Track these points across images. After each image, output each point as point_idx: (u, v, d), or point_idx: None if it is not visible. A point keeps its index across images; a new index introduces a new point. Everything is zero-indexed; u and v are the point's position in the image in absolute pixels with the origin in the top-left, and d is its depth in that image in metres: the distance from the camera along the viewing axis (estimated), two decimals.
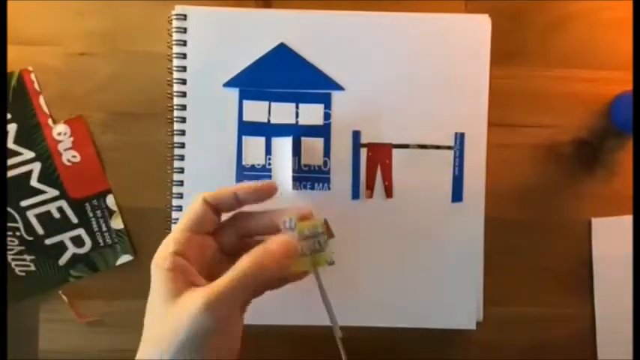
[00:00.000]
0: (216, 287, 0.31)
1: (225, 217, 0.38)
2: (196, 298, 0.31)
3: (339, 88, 0.46)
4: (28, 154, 0.46)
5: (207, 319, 0.31)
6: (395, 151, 0.46)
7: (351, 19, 0.46)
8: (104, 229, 0.46)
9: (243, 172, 0.46)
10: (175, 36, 0.45)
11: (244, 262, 0.33)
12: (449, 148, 0.46)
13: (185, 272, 0.33)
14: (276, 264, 0.33)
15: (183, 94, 0.45)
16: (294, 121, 0.46)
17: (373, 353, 0.47)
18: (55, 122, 0.46)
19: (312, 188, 0.46)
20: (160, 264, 0.33)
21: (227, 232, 0.38)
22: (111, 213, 0.46)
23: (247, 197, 0.37)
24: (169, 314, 0.32)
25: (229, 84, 0.46)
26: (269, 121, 0.46)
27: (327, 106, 0.46)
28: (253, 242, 0.36)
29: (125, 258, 0.47)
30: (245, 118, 0.46)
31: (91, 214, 0.46)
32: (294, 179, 0.45)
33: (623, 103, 0.46)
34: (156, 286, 0.33)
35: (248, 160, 0.46)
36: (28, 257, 0.46)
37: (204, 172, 0.46)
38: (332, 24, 0.46)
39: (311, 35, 0.46)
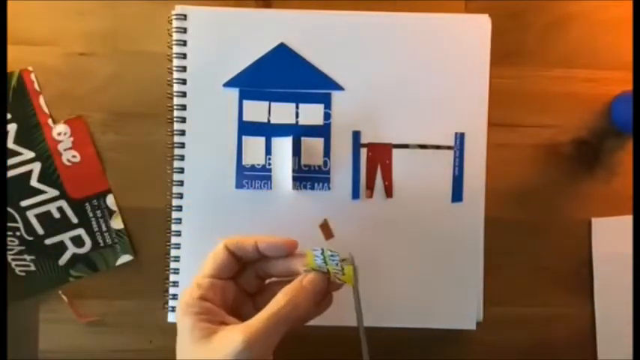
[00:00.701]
0: (254, 325, 0.32)
1: None
2: (235, 335, 0.31)
3: (339, 88, 0.46)
4: (28, 154, 0.46)
5: (246, 356, 0.31)
6: (395, 151, 0.46)
7: (351, 19, 0.46)
8: (104, 229, 0.46)
9: (243, 172, 0.46)
10: (175, 36, 0.45)
11: (280, 300, 0.34)
12: (449, 148, 0.46)
13: (214, 314, 0.34)
14: (310, 301, 0.35)
15: (183, 94, 0.45)
16: (294, 121, 0.46)
17: (373, 353, 0.47)
18: (55, 122, 0.46)
19: (312, 188, 0.46)
20: (187, 310, 0.34)
21: (247, 275, 0.38)
22: (111, 213, 0.46)
23: (268, 251, 0.37)
24: (203, 353, 0.32)
25: (229, 84, 0.46)
26: (269, 121, 0.46)
27: (327, 106, 0.46)
28: (273, 283, 0.38)
29: (125, 258, 0.47)
30: (245, 118, 0.46)
31: (91, 214, 0.46)
32: (294, 179, 0.45)
33: (623, 103, 0.46)
34: (185, 331, 0.33)
35: (248, 160, 0.46)
36: (28, 257, 0.46)
37: (204, 172, 0.46)
38: (332, 24, 0.46)
39: (311, 35, 0.46)
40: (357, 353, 0.37)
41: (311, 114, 0.46)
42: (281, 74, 0.46)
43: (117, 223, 0.46)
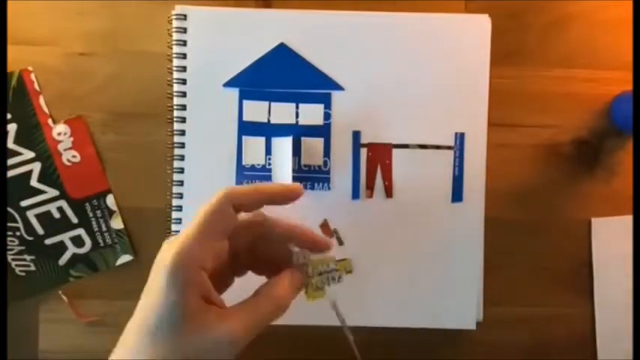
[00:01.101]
0: (239, 328, 0.30)
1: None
2: (220, 335, 0.30)
3: (339, 88, 0.46)
4: (28, 154, 0.46)
5: (230, 351, 0.30)
6: (395, 151, 0.46)
7: (351, 19, 0.46)
8: (104, 229, 0.46)
9: (243, 172, 0.46)
10: (175, 36, 0.45)
11: (267, 305, 0.32)
12: (449, 148, 0.46)
13: (201, 286, 0.30)
14: (288, 303, 0.34)
15: (183, 94, 0.45)
16: (294, 121, 0.46)
17: (373, 353, 0.47)
18: (55, 122, 0.46)
19: (312, 188, 0.46)
20: (173, 271, 0.29)
21: (241, 237, 0.35)
22: (111, 213, 0.46)
23: (273, 198, 0.34)
24: (185, 344, 0.29)
25: (229, 84, 0.46)
26: (269, 121, 0.46)
27: (327, 106, 0.46)
28: (264, 254, 0.36)
29: (125, 258, 0.47)
30: (245, 118, 0.46)
31: (91, 214, 0.46)
32: (294, 179, 0.45)
33: (623, 103, 0.46)
34: (165, 295, 0.29)
35: (248, 160, 0.46)
36: (28, 257, 0.46)
37: (204, 172, 0.46)
38: (332, 24, 0.46)
39: (311, 35, 0.46)
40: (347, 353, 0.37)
41: (311, 114, 0.46)
42: (281, 74, 0.46)
43: (117, 223, 0.46)
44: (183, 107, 0.45)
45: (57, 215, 0.46)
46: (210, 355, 0.30)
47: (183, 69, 0.45)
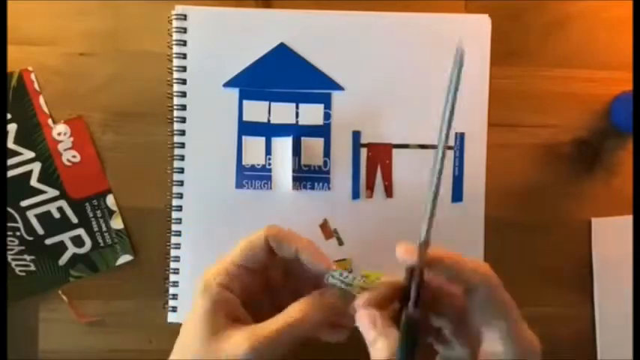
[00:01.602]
0: (262, 331, 0.31)
1: None
2: (242, 339, 0.31)
3: (339, 88, 0.46)
4: (28, 154, 0.46)
5: None
6: (395, 151, 0.46)
7: (351, 19, 0.46)
8: (104, 229, 0.46)
9: (243, 172, 0.46)
10: (175, 36, 0.45)
11: (292, 312, 0.32)
12: (449, 148, 0.46)
13: (230, 306, 0.33)
14: (323, 316, 0.33)
15: (183, 94, 0.45)
16: (294, 121, 0.46)
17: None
18: (55, 122, 0.46)
19: (312, 188, 0.46)
20: (207, 294, 0.32)
21: (275, 268, 0.36)
22: (111, 213, 0.46)
23: (307, 262, 0.34)
24: (209, 353, 0.31)
25: (229, 84, 0.46)
26: (269, 121, 0.46)
27: (327, 106, 0.46)
28: (299, 282, 0.36)
29: (125, 258, 0.47)
30: (245, 118, 0.46)
31: (91, 214, 0.46)
32: (294, 179, 0.45)
33: (623, 103, 0.46)
34: (197, 318, 0.32)
35: (248, 160, 0.46)
36: (28, 257, 0.46)
37: (204, 172, 0.46)
38: (332, 24, 0.46)
39: (311, 35, 0.46)
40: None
41: (311, 114, 0.46)
42: (281, 74, 0.46)
43: (117, 223, 0.46)
44: (183, 107, 0.45)
45: (57, 215, 0.46)
46: None
47: (183, 69, 0.45)
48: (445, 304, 0.32)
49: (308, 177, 0.46)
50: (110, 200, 0.46)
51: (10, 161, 0.45)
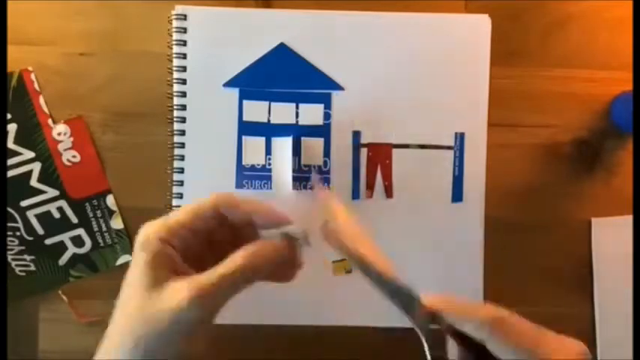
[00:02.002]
0: (204, 281, 0.30)
1: None
2: (182, 289, 0.30)
3: (339, 88, 0.46)
4: (28, 154, 0.46)
5: (191, 313, 0.30)
6: (395, 151, 0.46)
7: (351, 19, 0.46)
8: (104, 229, 0.46)
9: (243, 172, 0.46)
10: (175, 36, 0.45)
11: (237, 259, 0.31)
12: (449, 148, 0.46)
13: (171, 260, 0.32)
14: (270, 265, 0.32)
15: (183, 94, 0.45)
16: (294, 121, 0.46)
17: (373, 353, 0.47)
18: (55, 122, 0.46)
19: (312, 188, 0.46)
20: (146, 246, 0.32)
21: (221, 229, 0.35)
22: (111, 213, 0.46)
23: (262, 224, 0.34)
24: (150, 303, 0.30)
25: (229, 84, 0.46)
26: (269, 121, 0.46)
27: (327, 106, 0.46)
28: (246, 239, 0.34)
29: (125, 258, 0.47)
30: (245, 118, 0.46)
31: (91, 214, 0.46)
32: (294, 179, 0.45)
33: (623, 103, 0.46)
34: (137, 270, 0.32)
35: (248, 160, 0.46)
36: (28, 257, 0.46)
37: (204, 172, 0.46)
38: (332, 24, 0.46)
39: (311, 35, 0.46)
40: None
41: (311, 114, 0.46)
42: (281, 74, 0.46)
43: (117, 223, 0.46)
44: (183, 107, 0.45)
45: (57, 215, 0.46)
46: (171, 314, 0.30)
47: (183, 69, 0.45)
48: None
49: (308, 177, 0.46)
50: (110, 200, 0.46)
51: (10, 161, 0.45)
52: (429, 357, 0.29)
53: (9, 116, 0.45)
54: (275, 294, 0.44)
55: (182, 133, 0.46)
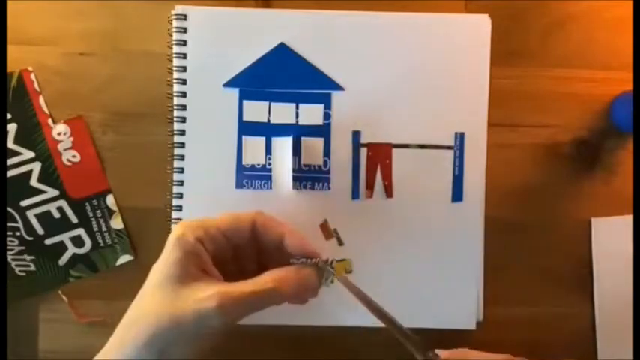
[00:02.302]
0: (236, 293, 0.32)
1: None
2: (212, 295, 0.31)
3: (339, 88, 0.46)
4: (28, 154, 0.46)
5: (215, 319, 0.31)
6: (395, 151, 0.46)
7: (351, 19, 0.46)
8: (104, 229, 0.46)
9: (243, 172, 0.46)
10: (175, 36, 0.45)
11: (267, 281, 0.33)
12: (449, 148, 0.46)
13: (202, 260, 0.34)
14: (295, 292, 0.34)
15: (183, 94, 0.45)
16: (294, 121, 0.46)
17: (373, 353, 0.47)
18: (55, 122, 0.46)
19: (312, 188, 0.46)
20: (181, 243, 0.33)
21: (250, 243, 0.37)
22: (111, 213, 0.46)
23: (291, 250, 0.36)
24: (176, 298, 0.31)
25: (229, 84, 0.46)
26: (269, 121, 0.46)
27: (327, 106, 0.46)
28: (270, 257, 0.37)
29: (125, 258, 0.47)
30: (245, 118, 0.46)
31: (91, 214, 0.46)
32: (294, 179, 0.45)
33: (623, 103, 0.46)
34: (168, 264, 0.33)
35: (248, 160, 0.46)
36: (28, 257, 0.46)
37: (204, 172, 0.46)
38: (332, 24, 0.46)
39: (311, 35, 0.46)
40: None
41: (311, 114, 0.46)
42: (281, 74, 0.46)
43: (117, 223, 0.46)
44: (183, 107, 0.45)
45: (57, 215, 0.46)
46: (196, 316, 0.31)
47: (183, 69, 0.45)
48: None
49: (308, 177, 0.46)
50: (110, 200, 0.46)
51: (10, 161, 0.45)
52: None
53: (9, 116, 0.45)
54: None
55: (182, 133, 0.46)
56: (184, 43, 0.45)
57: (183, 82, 0.45)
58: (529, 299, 0.47)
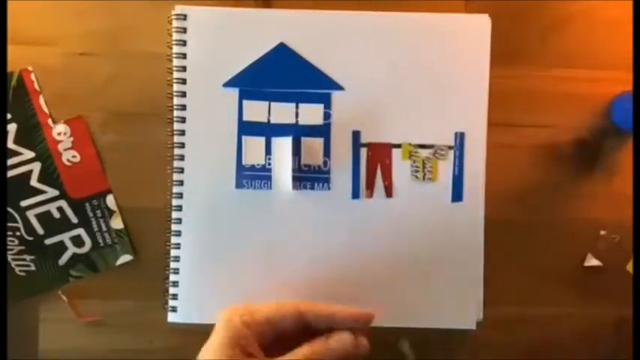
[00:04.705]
0: None
1: None
2: None
3: (339, 88, 0.46)
4: (28, 154, 0.46)
5: None
6: (395, 151, 0.46)
7: (351, 19, 0.46)
8: (104, 229, 0.46)
9: (243, 172, 0.46)
10: (175, 36, 0.45)
11: (305, 352, 0.35)
12: (449, 148, 0.46)
13: (247, 342, 0.36)
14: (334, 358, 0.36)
15: (183, 94, 0.45)
16: (294, 121, 0.46)
17: (373, 353, 0.47)
18: (55, 122, 0.46)
19: (312, 188, 0.46)
20: (228, 326, 0.36)
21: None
22: (111, 213, 0.46)
23: (344, 322, 0.38)
24: None
25: (229, 84, 0.46)
26: (269, 121, 0.46)
27: (327, 106, 0.46)
28: (321, 332, 0.38)
29: (125, 258, 0.47)
30: (245, 118, 0.46)
31: (91, 214, 0.46)
32: (294, 179, 0.45)
33: (623, 103, 0.46)
34: (216, 345, 0.35)
35: (248, 160, 0.46)
36: (28, 257, 0.46)
37: (204, 172, 0.46)
38: (332, 24, 0.46)
39: (311, 35, 0.46)
40: None
41: (311, 114, 0.46)
42: (281, 74, 0.46)
43: (117, 223, 0.46)
44: (183, 107, 0.45)
45: (57, 215, 0.46)
46: None
47: (183, 69, 0.45)
48: None
49: (308, 177, 0.46)
50: (110, 200, 0.46)
51: (10, 161, 0.45)
52: None
53: (9, 116, 0.45)
54: (276, 294, 0.44)
55: (182, 133, 0.46)
56: (184, 43, 0.45)
57: (183, 82, 0.45)
58: (529, 299, 0.47)
